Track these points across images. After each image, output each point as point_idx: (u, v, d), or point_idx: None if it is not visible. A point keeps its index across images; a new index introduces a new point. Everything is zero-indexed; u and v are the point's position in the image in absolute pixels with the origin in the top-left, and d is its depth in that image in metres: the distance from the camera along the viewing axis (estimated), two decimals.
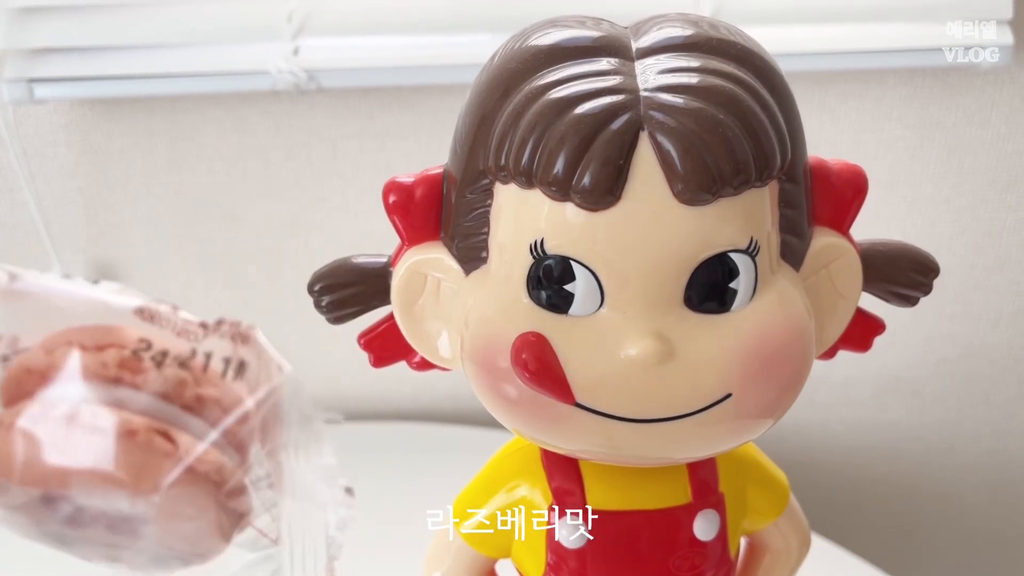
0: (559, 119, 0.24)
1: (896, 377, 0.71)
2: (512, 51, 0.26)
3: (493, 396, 0.27)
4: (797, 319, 0.26)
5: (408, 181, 0.28)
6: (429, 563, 0.33)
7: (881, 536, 0.77)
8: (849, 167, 0.28)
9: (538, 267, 0.25)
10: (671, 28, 0.26)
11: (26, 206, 0.65)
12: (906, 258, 0.29)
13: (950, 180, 0.63)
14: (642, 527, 0.30)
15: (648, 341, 0.24)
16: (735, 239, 0.25)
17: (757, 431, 0.27)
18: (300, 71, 0.57)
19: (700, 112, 0.23)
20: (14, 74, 0.57)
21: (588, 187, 0.24)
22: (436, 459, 0.64)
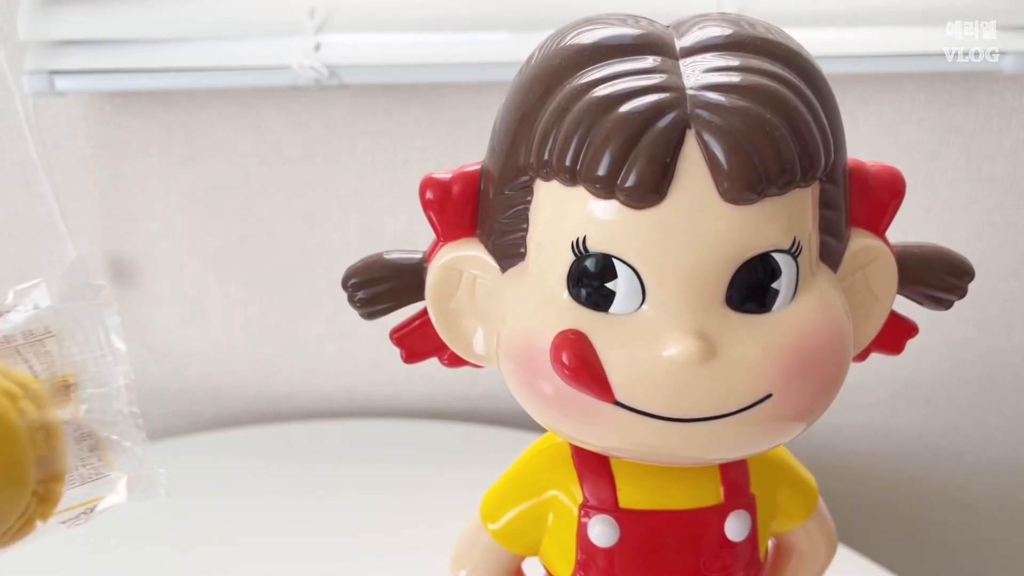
0: (605, 116, 0.24)
1: (909, 382, 0.71)
2: (553, 49, 0.26)
3: (530, 393, 0.27)
4: (837, 320, 0.26)
5: (445, 177, 0.28)
6: (456, 560, 0.33)
7: (891, 540, 0.77)
8: (887, 169, 0.28)
9: (579, 264, 0.25)
10: (714, 27, 0.26)
11: (44, 198, 0.65)
12: (941, 261, 0.29)
13: (968, 185, 0.64)
14: (673, 527, 0.30)
15: (690, 340, 0.24)
16: (778, 239, 0.25)
17: (793, 433, 0.27)
18: (322, 67, 0.57)
19: (747, 111, 0.23)
20: (35, 66, 0.58)
21: (633, 185, 0.24)
22: (450, 457, 0.64)
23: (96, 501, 0.27)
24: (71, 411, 0.26)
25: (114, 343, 0.27)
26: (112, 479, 0.27)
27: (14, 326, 0.26)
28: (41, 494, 0.25)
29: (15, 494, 0.24)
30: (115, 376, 0.27)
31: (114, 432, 0.27)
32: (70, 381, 0.26)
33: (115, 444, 0.27)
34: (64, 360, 0.26)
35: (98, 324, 0.27)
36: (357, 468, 0.64)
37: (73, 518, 0.27)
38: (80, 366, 0.26)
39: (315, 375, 0.72)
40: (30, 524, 0.26)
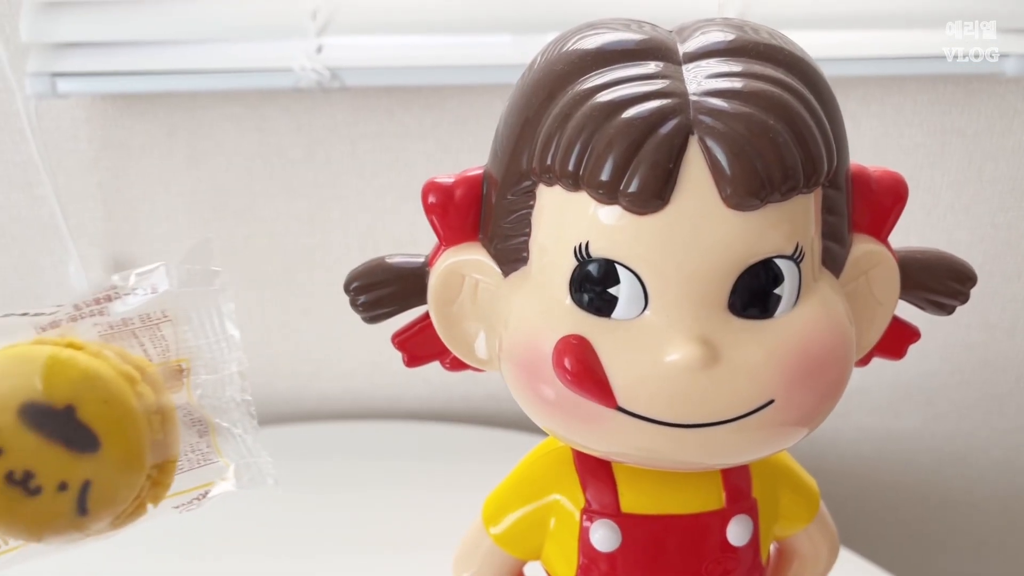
0: (608, 122, 0.24)
1: (911, 385, 0.71)
2: (556, 54, 0.26)
3: (531, 397, 0.27)
4: (839, 326, 0.26)
5: (448, 182, 0.28)
6: (458, 564, 0.33)
7: (893, 543, 0.77)
8: (889, 174, 0.28)
9: (582, 269, 0.25)
10: (717, 32, 0.26)
11: (46, 200, 0.65)
12: (944, 266, 0.29)
13: (970, 188, 0.63)
14: (675, 532, 0.30)
15: (693, 346, 0.24)
16: (781, 245, 0.25)
17: (796, 438, 0.27)
18: (324, 69, 0.57)
19: (750, 117, 0.23)
20: (37, 68, 0.58)
21: (636, 191, 0.24)
22: (452, 460, 0.64)
23: (208, 486, 0.27)
24: (183, 396, 0.26)
25: (228, 329, 0.27)
26: (219, 466, 0.27)
27: (132, 309, 0.26)
28: (154, 478, 0.26)
29: (132, 477, 0.25)
30: (228, 363, 0.27)
31: (224, 419, 0.27)
32: (183, 366, 0.26)
33: (224, 431, 0.27)
34: (178, 345, 0.26)
35: (213, 310, 0.27)
36: (358, 470, 0.64)
37: (187, 503, 0.27)
38: (194, 351, 0.26)
39: (316, 377, 0.72)
40: (142, 507, 0.26)
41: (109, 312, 0.26)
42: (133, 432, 0.24)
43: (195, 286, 0.27)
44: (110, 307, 0.26)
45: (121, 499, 0.25)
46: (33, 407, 0.23)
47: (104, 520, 0.25)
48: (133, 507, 0.26)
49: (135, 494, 0.25)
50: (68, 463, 0.24)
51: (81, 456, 0.24)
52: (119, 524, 0.26)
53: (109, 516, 0.25)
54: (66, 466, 0.24)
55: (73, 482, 0.24)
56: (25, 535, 0.25)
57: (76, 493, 0.24)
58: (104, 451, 0.24)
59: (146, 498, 0.26)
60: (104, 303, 0.26)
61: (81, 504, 0.24)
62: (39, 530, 0.24)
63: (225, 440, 0.27)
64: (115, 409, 0.24)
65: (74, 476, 0.24)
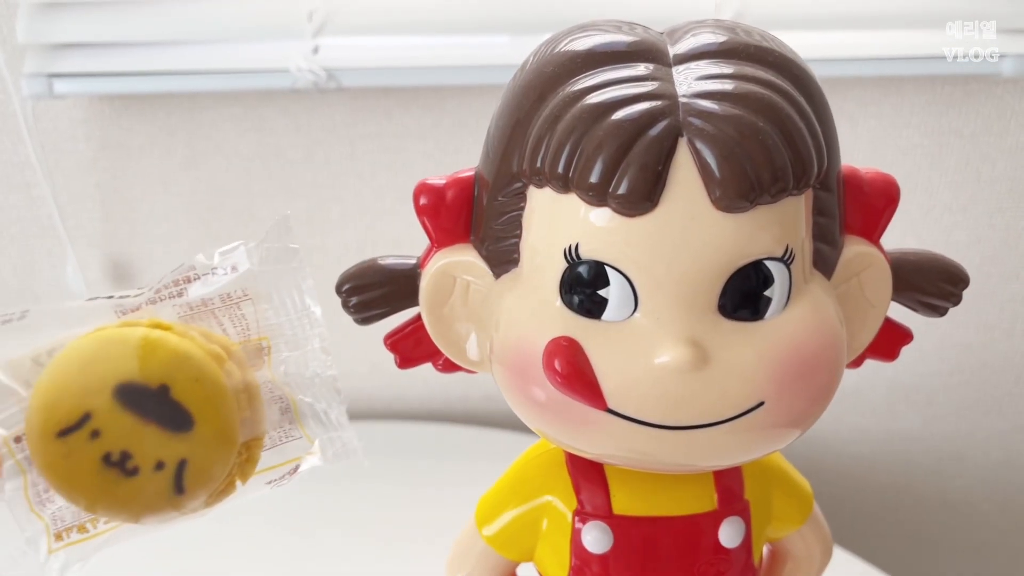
0: (597, 124, 0.24)
1: (908, 385, 0.71)
2: (547, 55, 0.26)
3: (522, 399, 0.27)
4: (830, 328, 0.26)
5: (439, 183, 0.28)
6: (451, 565, 0.33)
7: (891, 543, 0.76)
8: (881, 176, 0.28)
9: (572, 271, 0.25)
10: (707, 34, 0.26)
11: (44, 201, 0.65)
12: (936, 268, 0.29)
13: (967, 188, 0.63)
14: (667, 533, 0.30)
15: (682, 348, 0.24)
16: (771, 247, 0.25)
17: (787, 440, 0.27)
18: (320, 70, 0.57)
19: (739, 119, 0.23)
20: (34, 69, 0.58)
21: (626, 193, 0.24)
22: (448, 460, 0.64)
23: (296, 461, 0.27)
24: (266, 374, 0.26)
25: (309, 306, 0.27)
26: (303, 442, 0.27)
27: (212, 289, 0.26)
28: (243, 455, 0.26)
29: (225, 454, 0.25)
30: (310, 339, 0.27)
31: (308, 395, 0.27)
32: (264, 344, 0.27)
33: (308, 407, 0.27)
34: (259, 323, 0.27)
35: (293, 287, 0.27)
36: (355, 470, 0.63)
37: (278, 478, 0.27)
38: (275, 329, 0.27)
39: None
40: (232, 485, 0.26)
41: (188, 294, 0.26)
42: (225, 409, 0.24)
43: (275, 264, 0.27)
44: (189, 289, 0.26)
45: (216, 476, 0.25)
46: (129, 388, 0.23)
47: (199, 498, 0.25)
48: (224, 484, 0.26)
49: (228, 471, 0.25)
50: (164, 442, 0.24)
51: (176, 435, 0.24)
52: (212, 502, 0.26)
53: (204, 494, 0.25)
54: (162, 445, 0.24)
55: (169, 461, 0.24)
56: (123, 515, 0.25)
57: (173, 472, 0.24)
58: (198, 429, 0.24)
59: (236, 475, 0.26)
60: (184, 285, 0.26)
61: (178, 483, 0.24)
62: (137, 510, 0.24)
63: (308, 416, 0.27)
64: (207, 387, 0.24)
65: (170, 455, 0.24)
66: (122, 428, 0.23)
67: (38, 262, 0.68)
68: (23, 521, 0.25)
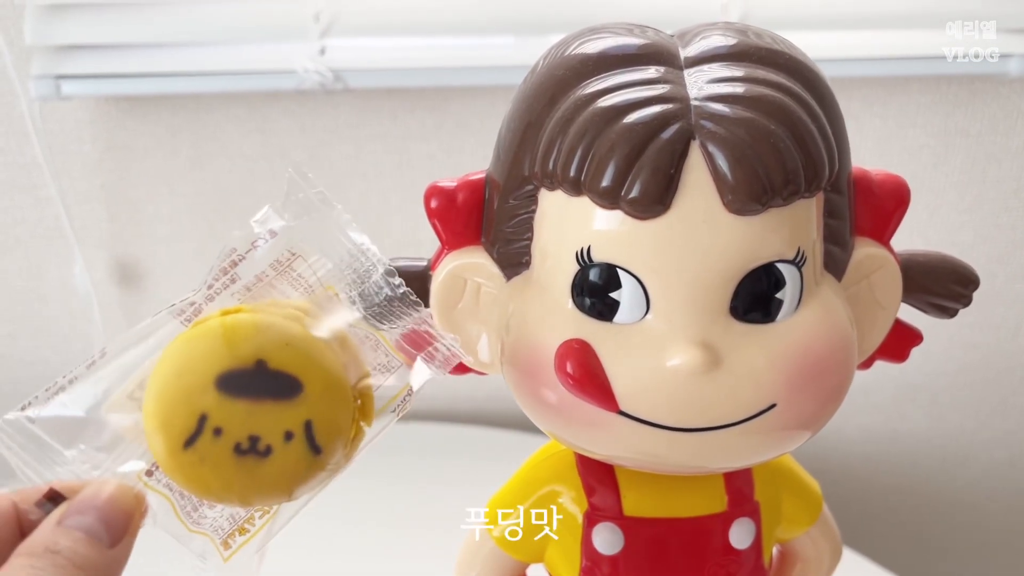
0: (609, 127, 0.24)
1: (915, 385, 0.71)
2: (558, 58, 0.26)
3: (533, 401, 0.27)
4: (841, 330, 0.26)
5: (450, 186, 0.28)
6: (460, 566, 0.33)
7: (897, 542, 0.76)
8: (891, 178, 0.28)
9: (583, 274, 0.25)
10: (718, 37, 0.26)
11: (51, 202, 0.65)
12: (946, 269, 0.29)
13: (973, 188, 0.63)
14: (677, 535, 0.30)
15: (694, 350, 0.24)
16: (782, 250, 0.25)
17: (798, 442, 0.27)
18: (326, 71, 0.57)
19: (751, 122, 0.23)
20: (41, 70, 0.58)
21: (638, 196, 0.24)
22: (456, 460, 0.64)
23: (407, 386, 0.27)
24: (346, 317, 0.26)
25: (356, 240, 0.27)
26: (404, 368, 0.27)
27: (261, 261, 0.26)
28: (358, 399, 0.26)
29: (344, 401, 0.25)
30: (371, 271, 0.26)
31: (389, 322, 0.27)
32: (331, 293, 0.27)
33: (393, 333, 0.27)
34: (317, 276, 0.26)
35: (334, 228, 0.27)
36: (363, 470, 0.63)
37: (400, 404, 0.27)
38: (334, 275, 0.26)
39: None
40: (360, 431, 0.26)
41: (240, 277, 0.26)
42: (324, 361, 0.24)
43: (307, 214, 0.27)
44: (239, 271, 0.26)
45: (344, 425, 0.25)
46: (228, 376, 0.24)
47: (337, 452, 0.25)
48: (354, 432, 0.26)
49: (352, 418, 0.25)
50: (283, 413, 0.24)
51: (291, 402, 0.24)
52: (350, 453, 0.26)
53: (340, 446, 0.25)
54: (282, 416, 0.24)
55: (296, 428, 0.24)
56: (276, 496, 0.25)
57: (303, 436, 0.24)
58: (308, 388, 0.24)
59: (359, 420, 0.26)
60: (232, 270, 0.26)
61: (312, 444, 0.24)
62: (287, 485, 0.25)
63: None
64: (299, 347, 0.24)
65: (294, 422, 0.24)
66: (239, 416, 0.24)
67: (45, 262, 0.68)
68: (188, 542, 0.26)
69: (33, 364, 0.73)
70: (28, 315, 0.71)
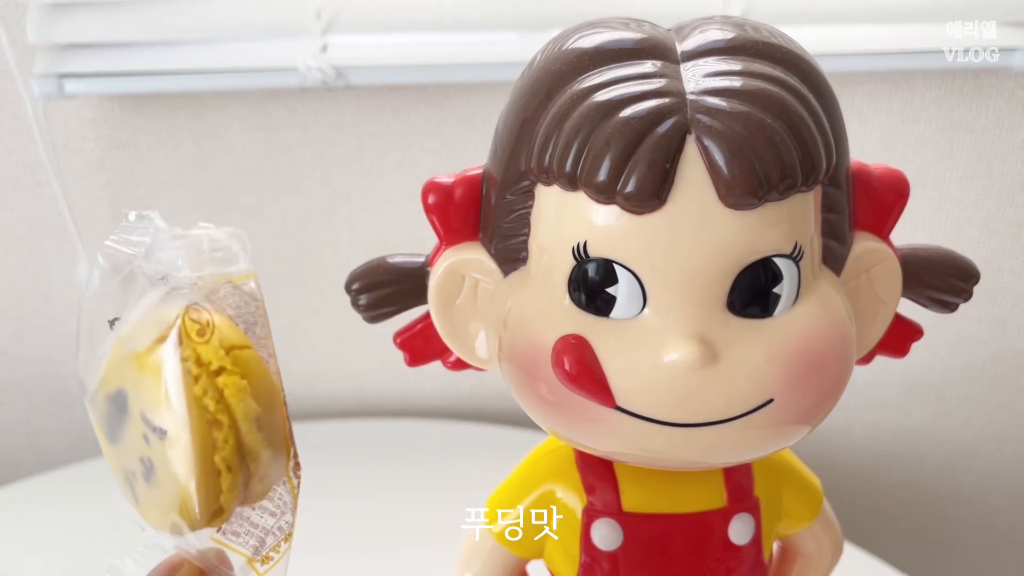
0: (605, 122, 0.24)
1: (920, 381, 0.71)
2: (554, 53, 0.26)
3: (531, 397, 0.27)
4: (839, 325, 0.26)
5: (448, 181, 0.28)
6: (461, 563, 0.33)
7: (903, 539, 0.76)
8: (891, 172, 0.28)
9: (580, 269, 0.25)
10: (715, 31, 0.26)
11: (54, 200, 0.65)
12: (946, 264, 0.29)
13: (979, 183, 0.63)
14: (677, 530, 0.30)
15: (691, 345, 0.24)
16: (779, 244, 0.24)
17: (796, 436, 0.27)
18: (328, 68, 0.57)
19: (747, 116, 0.23)
20: (44, 69, 0.58)
21: (634, 190, 0.23)
22: (458, 456, 0.64)
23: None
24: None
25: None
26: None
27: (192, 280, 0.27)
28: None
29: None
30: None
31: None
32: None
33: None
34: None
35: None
36: (366, 468, 0.64)
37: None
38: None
39: (325, 375, 0.72)
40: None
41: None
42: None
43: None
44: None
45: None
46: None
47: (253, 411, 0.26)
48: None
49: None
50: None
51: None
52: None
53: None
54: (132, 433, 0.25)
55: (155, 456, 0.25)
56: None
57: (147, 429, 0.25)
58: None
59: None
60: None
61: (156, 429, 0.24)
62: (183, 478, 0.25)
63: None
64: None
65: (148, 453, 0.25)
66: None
67: (49, 261, 0.68)
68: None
69: (38, 362, 0.73)
70: (33, 313, 0.71)
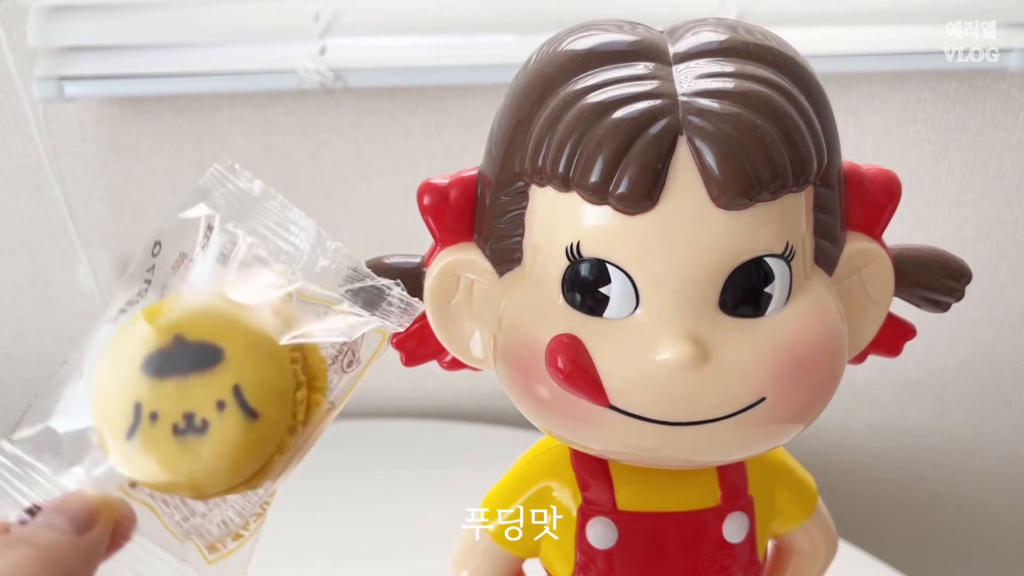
0: (597, 123, 0.24)
1: (918, 381, 0.71)
2: (548, 55, 0.26)
3: (526, 397, 0.27)
4: (831, 324, 0.26)
5: (443, 183, 0.28)
6: (457, 562, 0.33)
7: (901, 539, 0.76)
8: (882, 172, 0.28)
9: (573, 269, 0.25)
10: (708, 32, 0.26)
11: (55, 203, 0.66)
12: (938, 263, 0.29)
13: (975, 184, 0.63)
14: (671, 529, 0.30)
15: (683, 345, 0.24)
16: (771, 244, 0.25)
17: (788, 435, 0.27)
18: (327, 70, 0.57)
19: (738, 117, 0.23)
20: (45, 72, 0.58)
21: (626, 191, 0.24)
22: (456, 457, 0.64)
23: (359, 341, 0.27)
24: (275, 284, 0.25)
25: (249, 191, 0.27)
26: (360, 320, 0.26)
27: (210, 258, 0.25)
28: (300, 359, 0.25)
29: (270, 357, 0.24)
30: (297, 244, 0.26)
31: (324, 283, 0.26)
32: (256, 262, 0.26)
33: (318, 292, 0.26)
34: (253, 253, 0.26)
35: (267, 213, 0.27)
36: (364, 468, 0.64)
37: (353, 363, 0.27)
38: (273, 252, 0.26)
39: None
40: (321, 395, 0.25)
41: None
42: (243, 322, 0.24)
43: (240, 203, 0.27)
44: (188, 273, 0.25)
45: (277, 383, 0.24)
46: (151, 358, 0.23)
47: (277, 414, 0.24)
48: (298, 389, 0.24)
49: (290, 374, 0.24)
50: (210, 383, 0.23)
51: (215, 369, 0.23)
52: (311, 419, 0.25)
53: (279, 405, 0.24)
54: (210, 386, 0.23)
55: (225, 395, 0.23)
56: (222, 471, 0.24)
57: (235, 402, 0.23)
58: (229, 352, 0.23)
59: (304, 378, 0.25)
60: (179, 268, 0.25)
61: (246, 408, 0.23)
62: (230, 457, 0.23)
63: (354, 296, 0.26)
64: (213, 314, 0.24)
65: (222, 389, 0.23)
66: (170, 396, 0.23)
67: (50, 264, 0.69)
68: (177, 550, 0.25)
69: (40, 364, 0.73)
70: (34, 315, 0.71)
